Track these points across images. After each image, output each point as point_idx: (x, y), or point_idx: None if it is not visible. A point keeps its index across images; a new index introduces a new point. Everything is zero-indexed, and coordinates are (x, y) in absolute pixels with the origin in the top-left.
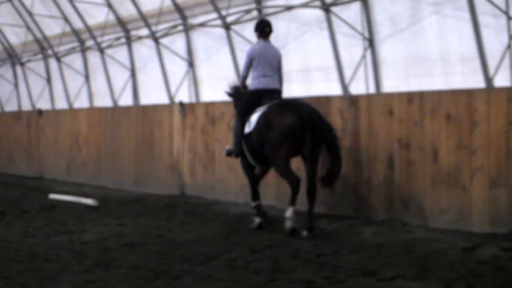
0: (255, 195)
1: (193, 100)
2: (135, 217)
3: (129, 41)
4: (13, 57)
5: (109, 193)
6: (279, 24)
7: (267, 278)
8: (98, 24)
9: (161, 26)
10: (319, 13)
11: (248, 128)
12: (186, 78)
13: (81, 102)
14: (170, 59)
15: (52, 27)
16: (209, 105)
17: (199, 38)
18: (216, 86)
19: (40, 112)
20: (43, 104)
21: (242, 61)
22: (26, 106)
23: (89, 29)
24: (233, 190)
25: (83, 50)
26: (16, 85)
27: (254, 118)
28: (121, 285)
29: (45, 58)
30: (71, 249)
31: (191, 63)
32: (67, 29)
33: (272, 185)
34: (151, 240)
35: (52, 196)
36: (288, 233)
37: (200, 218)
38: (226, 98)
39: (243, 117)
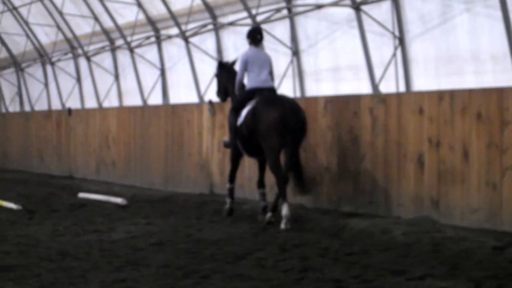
0: (232, 178)
1: None
2: (164, 216)
3: (159, 40)
4: (43, 57)
5: (138, 192)
6: (309, 23)
7: (296, 277)
8: (128, 23)
9: (191, 25)
10: (349, 12)
11: (239, 121)
12: (215, 77)
13: (111, 101)
14: (199, 58)
15: (82, 27)
16: None
17: (229, 37)
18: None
19: (70, 111)
20: (73, 103)
21: (272, 60)
22: (56, 105)
23: (119, 28)
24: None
25: (113, 49)
26: (46, 85)
27: (244, 111)
28: (151, 284)
29: (75, 57)
30: (101, 248)
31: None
32: (97, 28)
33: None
34: (180, 239)
35: (82, 195)
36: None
37: (229, 217)
38: None
39: (236, 111)
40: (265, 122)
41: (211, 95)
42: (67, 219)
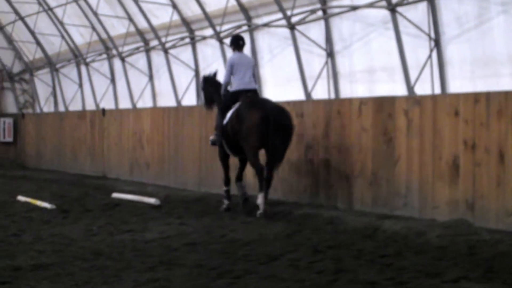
0: (227, 181)
1: None
2: (198, 216)
3: (193, 41)
4: (78, 57)
5: (172, 192)
6: (344, 24)
7: (329, 279)
8: (162, 24)
9: (226, 26)
10: (384, 13)
11: (224, 121)
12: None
13: (145, 102)
14: None
15: (117, 27)
16: None
17: (263, 39)
18: (280, 86)
19: (104, 111)
20: (107, 103)
21: (307, 62)
22: (90, 105)
23: (153, 29)
24: (296, 190)
25: (147, 50)
26: (80, 85)
27: (229, 113)
28: (184, 284)
29: (110, 58)
30: (134, 248)
31: (255, 63)
32: (132, 29)
33: (336, 186)
34: (213, 240)
35: (115, 195)
36: (260, 215)
37: (263, 218)
38: (290, 98)
39: (223, 112)
40: (246, 123)
41: None
42: (101, 219)
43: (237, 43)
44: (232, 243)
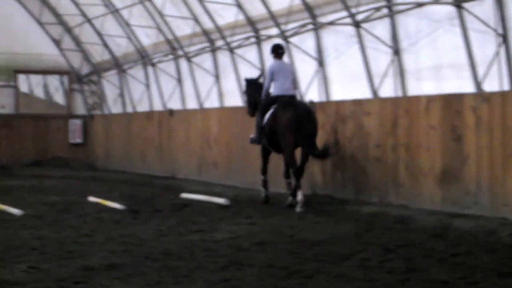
0: (264, 171)
1: (323, 99)
2: (267, 216)
3: (258, 41)
4: (144, 58)
5: (240, 192)
6: (409, 21)
7: (400, 278)
8: (228, 24)
9: (291, 25)
10: (450, 10)
11: (264, 122)
12: (315, 77)
13: (212, 102)
14: (299, 58)
15: (183, 28)
16: (340, 104)
17: (328, 37)
18: (346, 85)
19: (171, 112)
20: (174, 104)
21: (373, 59)
22: (158, 106)
23: (219, 29)
24: (365, 189)
25: (213, 50)
26: (147, 86)
27: (268, 114)
28: (255, 283)
29: (176, 58)
30: (204, 248)
31: (320, 62)
32: (197, 29)
33: (405, 185)
34: (283, 239)
35: (184, 195)
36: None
37: (331, 217)
38: (356, 96)
39: (263, 113)
40: (281, 123)
41: (312, 94)
42: (171, 219)
43: (277, 51)
44: (301, 242)
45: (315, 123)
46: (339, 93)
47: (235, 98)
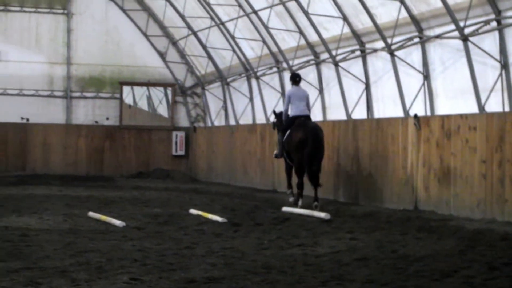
0: (289, 185)
1: (428, 113)
2: (368, 231)
3: (363, 54)
4: (248, 71)
5: (341, 207)
6: None
7: None
8: (333, 37)
9: (397, 39)
10: None
11: (284, 139)
12: (421, 91)
13: (315, 115)
14: (404, 72)
15: (287, 41)
16: (445, 118)
17: (435, 50)
18: (452, 99)
19: (274, 125)
20: None
21: (480, 74)
22: (260, 119)
23: (324, 42)
24: (469, 205)
25: (317, 63)
26: (251, 99)
27: (287, 132)
28: None
29: (280, 71)
30: (305, 262)
31: (426, 76)
32: (302, 42)
33: (511, 202)
34: (384, 255)
35: (285, 209)
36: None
37: (434, 233)
38: (463, 111)
39: (284, 132)
40: (292, 141)
41: (417, 109)
42: (271, 233)
43: (294, 79)
44: (403, 258)
45: (320, 142)
46: (444, 108)
47: (339, 111)
